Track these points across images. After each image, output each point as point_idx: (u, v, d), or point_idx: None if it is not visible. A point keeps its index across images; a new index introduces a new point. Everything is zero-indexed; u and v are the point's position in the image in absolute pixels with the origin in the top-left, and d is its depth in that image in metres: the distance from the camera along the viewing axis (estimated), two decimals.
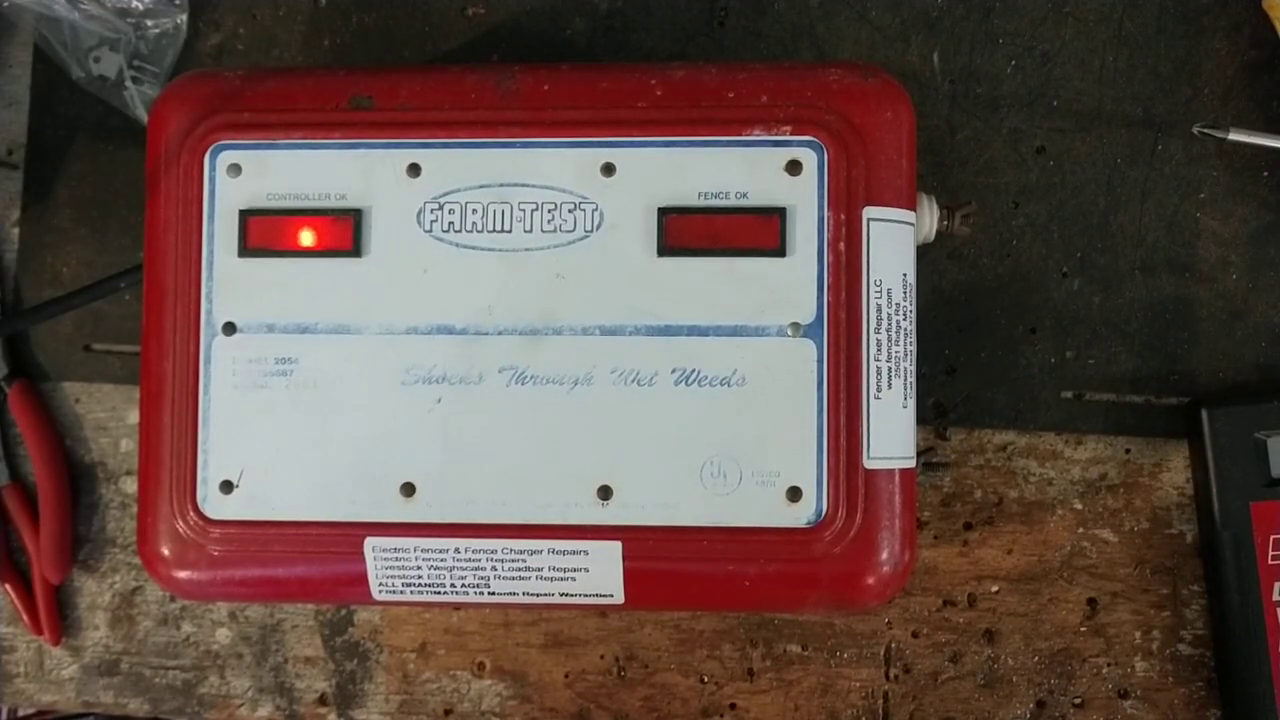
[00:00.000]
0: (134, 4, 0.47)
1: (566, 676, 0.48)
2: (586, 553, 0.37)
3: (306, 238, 0.38)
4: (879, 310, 0.38)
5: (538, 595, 0.38)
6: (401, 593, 0.39)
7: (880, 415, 0.37)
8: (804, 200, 0.37)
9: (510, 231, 0.38)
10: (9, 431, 0.50)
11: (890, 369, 0.38)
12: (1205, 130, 0.44)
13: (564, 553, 0.37)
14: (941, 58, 0.48)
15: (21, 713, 0.57)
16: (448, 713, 0.48)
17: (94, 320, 0.49)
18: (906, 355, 0.38)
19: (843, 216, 0.37)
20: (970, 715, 0.47)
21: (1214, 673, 0.47)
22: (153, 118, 0.40)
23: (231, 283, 0.39)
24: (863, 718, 0.47)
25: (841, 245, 0.37)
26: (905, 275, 0.38)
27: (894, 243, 0.38)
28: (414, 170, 0.38)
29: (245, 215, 0.38)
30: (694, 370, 0.37)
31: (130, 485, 0.49)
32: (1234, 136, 0.43)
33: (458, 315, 0.38)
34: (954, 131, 0.47)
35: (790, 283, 0.37)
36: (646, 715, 0.48)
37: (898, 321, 0.38)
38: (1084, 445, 0.47)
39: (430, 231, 0.38)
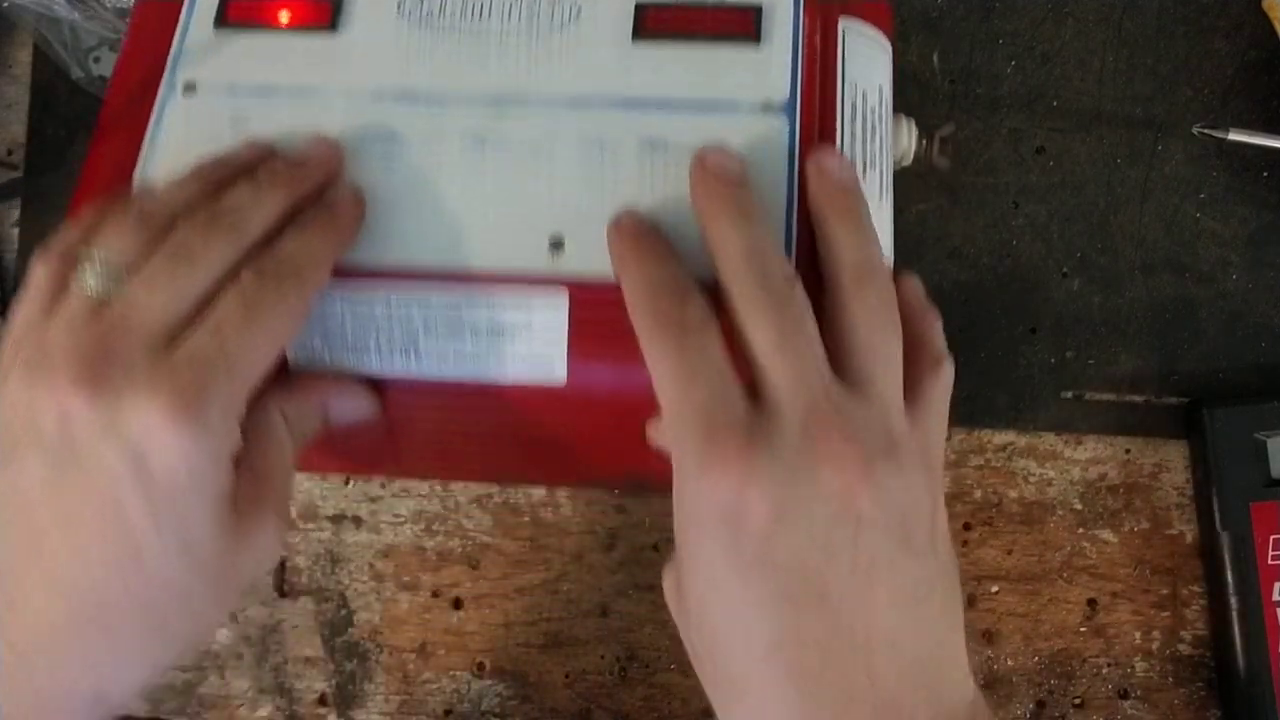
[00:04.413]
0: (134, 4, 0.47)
1: (566, 676, 0.48)
2: (530, 307, 0.34)
3: (284, 16, 0.38)
4: (854, 107, 0.37)
5: (471, 361, 0.35)
6: (319, 353, 0.35)
7: None
8: (780, 2, 0.37)
9: (489, 17, 0.38)
10: None
11: (865, 161, 0.36)
12: (1205, 130, 0.44)
13: (505, 306, 0.35)
14: (941, 58, 0.48)
15: None
16: (448, 713, 0.48)
17: None
18: (882, 154, 0.37)
19: (819, 21, 0.37)
20: None
21: (1214, 673, 0.47)
22: None
23: (201, 50, 0.38)
24: None
25: (817, 39, 0.37)
26: (881, 88, 0.38)
27: (868, 55, 0.37)
28: None
29: None
30: (661, 139, 0.36)
31: None
32: (1234, 136, 0.43)
33: (424, 88, 0.37)
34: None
35: (765, 65, 0.36)
36: (646, 715, 0.48)
37: (873, 124, 0.37)
38: (1084, 445, 0.47)
39: (409, 18, 0.38)
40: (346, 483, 0.49)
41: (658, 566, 0.48)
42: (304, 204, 0.34)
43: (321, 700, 0.49)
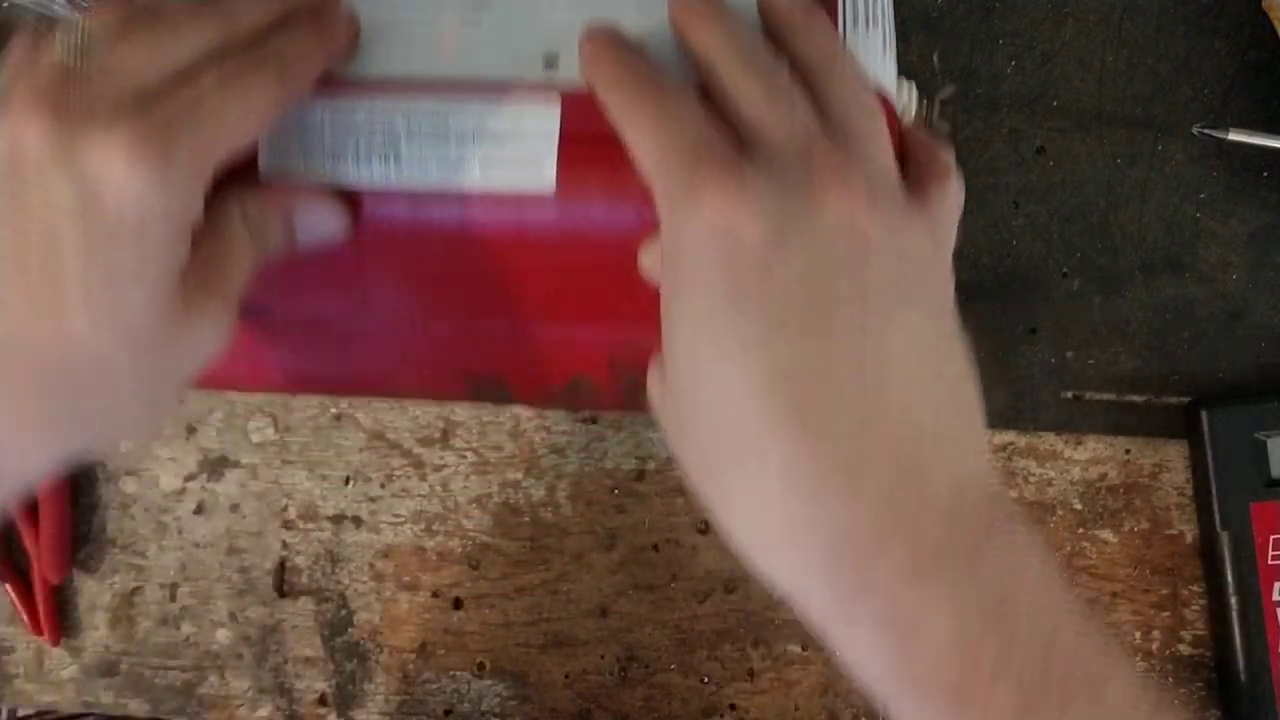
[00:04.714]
0: None
1: (566, 677, 0.48)
2: (521, 114, 0.34)
3: None
4: None
5: (455, 169, 0.34)
6: (294, 159, 0.34)
7: (858, 50, 0.35)
8: None
9: None
10: None
11: (867, 19, 0.36)
12: (1205, 130, 0.44)
13: (496, 113, 0.34)
14: (941, 58, 0.48)
15: (21, 713, 0.57)
16: (448, 713, 0.48)
17: None
18: (884, 15, 0.36)
19: None
20: None
21: (1214, 673, 0.47)
22: None
23: None
24: (863, 718, 0.47)
25: None
26: None
27: None
28: None
29: None
30: None
31: (131, 485, 0.49)
32: (1234, 136, 0.43)
33: None
34: (954, 131, 0.47)
35: None
36: (646, 715, 0.48)
37: None
38: (1084, 445, 0.47)
39: None
40: (347, 483, 0.49)
41: (658, 567, 0.48)
42: (298, 17, 0.33)
43: (321, 700, 0.49)
